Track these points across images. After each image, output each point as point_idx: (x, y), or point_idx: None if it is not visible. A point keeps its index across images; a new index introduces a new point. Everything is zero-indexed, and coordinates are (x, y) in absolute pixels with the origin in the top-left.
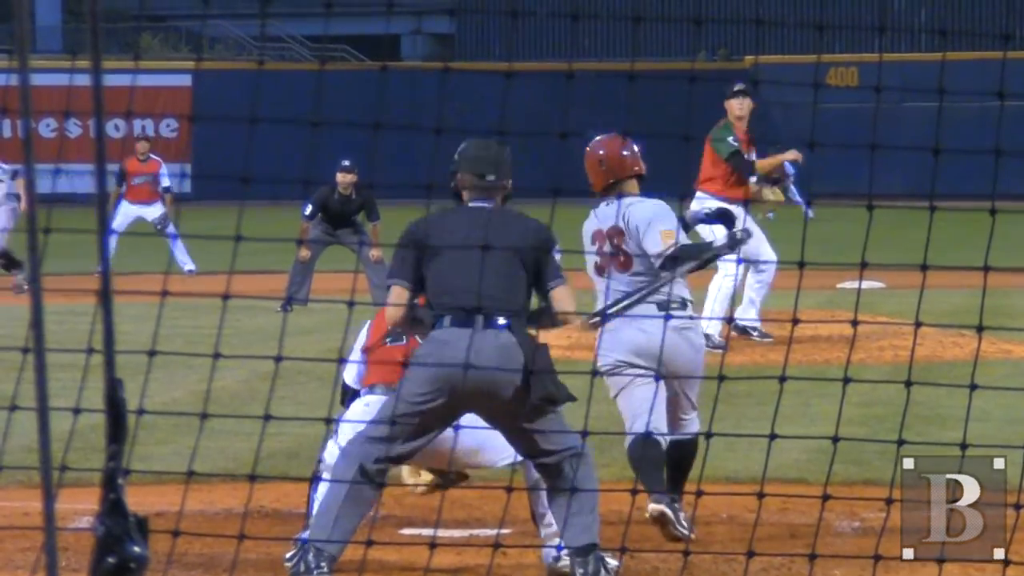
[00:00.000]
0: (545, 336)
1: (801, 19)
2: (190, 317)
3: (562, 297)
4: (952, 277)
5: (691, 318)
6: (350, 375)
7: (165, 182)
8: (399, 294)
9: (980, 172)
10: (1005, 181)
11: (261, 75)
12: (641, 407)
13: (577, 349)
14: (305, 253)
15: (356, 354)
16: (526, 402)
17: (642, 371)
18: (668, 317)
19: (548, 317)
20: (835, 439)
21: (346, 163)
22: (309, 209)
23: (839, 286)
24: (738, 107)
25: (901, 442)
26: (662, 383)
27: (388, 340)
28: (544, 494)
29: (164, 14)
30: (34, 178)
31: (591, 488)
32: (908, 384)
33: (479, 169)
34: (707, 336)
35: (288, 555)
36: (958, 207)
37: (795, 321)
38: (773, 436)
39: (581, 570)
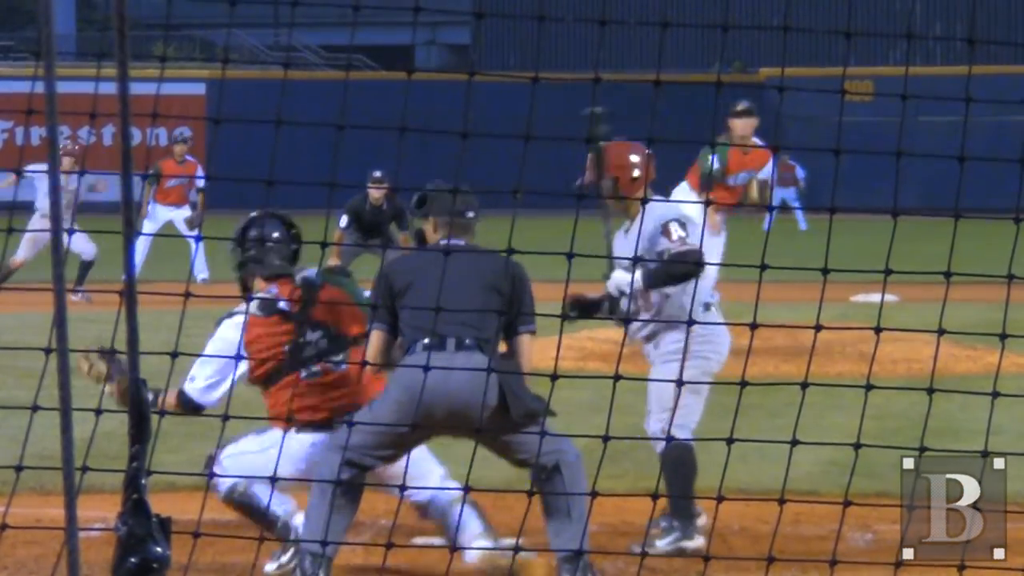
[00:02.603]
0: (553, 346)
1: (817, 29)
2: (202, 326)
3: (526, 347)
4: (965, 291)
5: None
6: (209, 392)
7: (201, 183)
8: (377, 337)
9: (995, 187)
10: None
11: (275, 84)
12: (701, 409)
13: (591, 359)
14: (334, 263)
15: (209, 366)
16: (504, 421)
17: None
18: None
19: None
20: (856, 446)
21: (377, 175)
22: (344, 220)
23: (852, 299)
24: (741, 127)
25: (923, 449)
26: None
27: (304, 374)
28: (440, 506)
29: (178, 23)
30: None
31: (580, 496)
32: (930, 391)
33: (458, 208)
34: None
35: (268, 567)
36: (978, 217)
37: (818, 327)
38: (795, 443)
39: (568, 575)
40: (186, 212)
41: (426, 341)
